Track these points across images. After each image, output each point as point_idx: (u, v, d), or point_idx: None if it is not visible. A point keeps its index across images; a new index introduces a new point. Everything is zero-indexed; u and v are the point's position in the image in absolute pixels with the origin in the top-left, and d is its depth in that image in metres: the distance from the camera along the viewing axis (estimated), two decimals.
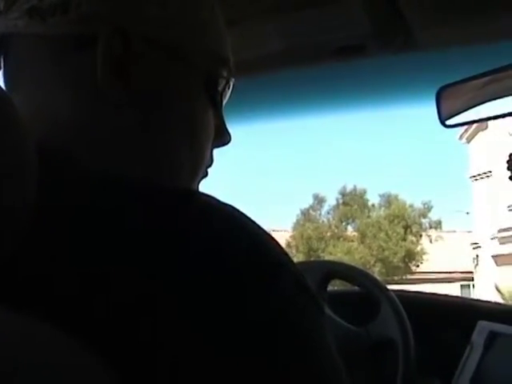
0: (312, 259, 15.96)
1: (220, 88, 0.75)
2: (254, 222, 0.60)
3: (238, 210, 0.60)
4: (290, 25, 1.31)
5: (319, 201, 25.67)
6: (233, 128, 0.80)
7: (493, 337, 1.42)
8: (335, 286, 1.86)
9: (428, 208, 24.59)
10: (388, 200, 24.62)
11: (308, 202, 26.19)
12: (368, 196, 25.11)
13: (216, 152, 0.80)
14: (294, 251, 22.32)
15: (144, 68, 0.68)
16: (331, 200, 26.18)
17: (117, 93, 0.67)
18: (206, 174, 0.78)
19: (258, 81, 1.46)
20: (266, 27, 1.32)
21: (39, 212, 0.55)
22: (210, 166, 0.78)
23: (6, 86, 0.71)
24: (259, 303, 0.55)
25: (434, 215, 25.09)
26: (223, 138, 0.79)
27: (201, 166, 0.75)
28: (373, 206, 25.01)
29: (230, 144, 0.81)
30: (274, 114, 1.82)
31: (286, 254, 0.60)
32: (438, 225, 24.85)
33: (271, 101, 1.71)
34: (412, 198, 41.05)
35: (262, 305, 0.55)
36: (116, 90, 0.66)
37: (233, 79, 0.77)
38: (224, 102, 0.77)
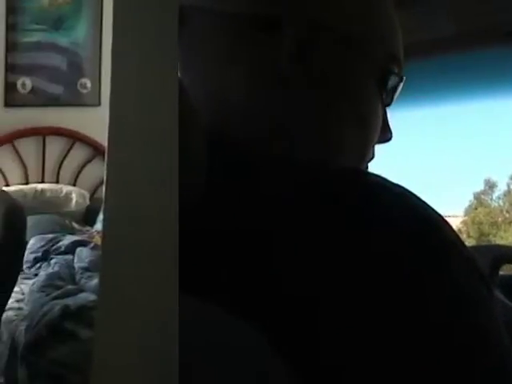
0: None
1: (390, 84, 0.73)
2: (427, 203, 0.58)
3: (410, 191, 0.59)
4: (462, 8, 1.29)
5: (490, 186, 24.65)
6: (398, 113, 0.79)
7: None
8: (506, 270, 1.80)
9: None
10: None
11: (479, 187, 25.19)
12: None
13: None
14: (464, 236, 21.49)
15: (323, 55, 0.67)
16: (502, 185, 25.05)
17: (297, 79, 0.66)
18: (366, 168, 0.76)
19: (427, 64, 1.45)
20: (436, 10, 1.31)
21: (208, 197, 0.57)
22: (370, 160, 0.76)
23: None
24: (434, 286, 0.53)
25: None
26: (385, 135, 0.77)
27: (367, 154, 0.74)
28: None
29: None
30: (443, 97, 1.79)
31: (459, 238, 0.58)
32: None
33: (439, 85, 1.69)
34: None
35: (436, 288, 0.53)
36: (297, 75, 0.66)
37: (403, 78, 0.75)
38: (394, 100, 0.76)
